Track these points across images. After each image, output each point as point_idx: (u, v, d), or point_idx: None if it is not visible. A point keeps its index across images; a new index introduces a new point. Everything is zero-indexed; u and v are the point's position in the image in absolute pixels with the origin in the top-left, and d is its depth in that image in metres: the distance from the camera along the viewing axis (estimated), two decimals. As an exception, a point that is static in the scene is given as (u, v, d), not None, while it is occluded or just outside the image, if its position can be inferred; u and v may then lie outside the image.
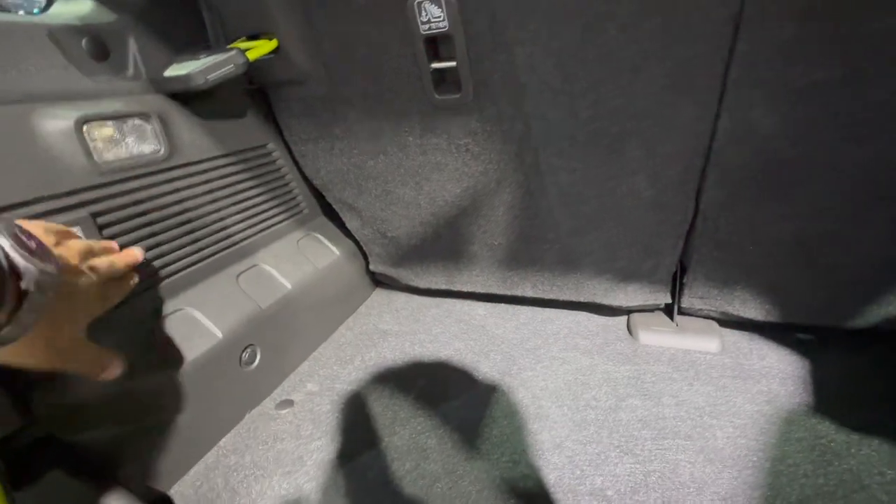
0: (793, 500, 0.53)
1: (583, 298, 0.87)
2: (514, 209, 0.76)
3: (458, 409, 0.72)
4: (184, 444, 0.66)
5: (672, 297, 0.82)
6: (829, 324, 0.72)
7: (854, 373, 0.70)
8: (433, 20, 0.59)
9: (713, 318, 0.83)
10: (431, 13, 0.59)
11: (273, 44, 0.69)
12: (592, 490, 0.56)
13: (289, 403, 0.78)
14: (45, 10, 0.62)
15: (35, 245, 0.34)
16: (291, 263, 0.88)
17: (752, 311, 0.75)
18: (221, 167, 0.75)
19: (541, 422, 0.67)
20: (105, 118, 0.59)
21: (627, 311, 0.89)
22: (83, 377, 0.47)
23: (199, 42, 0.73)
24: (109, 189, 0.60)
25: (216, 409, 0.70)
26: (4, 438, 0.51)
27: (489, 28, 0.57)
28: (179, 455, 0.65)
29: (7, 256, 0.32)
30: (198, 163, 0.71)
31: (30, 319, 0.33)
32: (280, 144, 0.86)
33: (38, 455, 0.53)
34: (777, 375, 0.71)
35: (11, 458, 0.51)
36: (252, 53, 0.67)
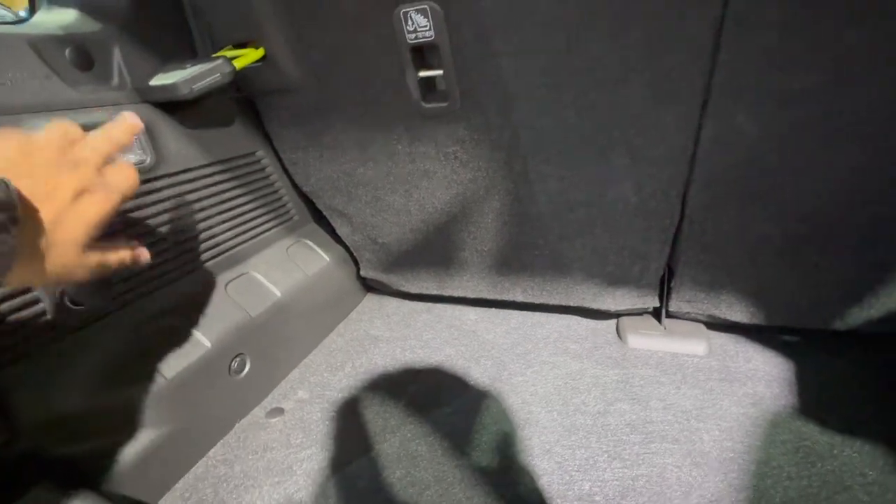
0: (777, 502, 0.54)
1: (572, 303, 0.87)
2: (504, 216, 0.76)
3: (449, 416, 0.72)
4: (172, 456, 0.65)
5: (660, 301, 0.83)
6: (814, 326, 0.74)
7: (838, 374, 0.71)
8: (419, 29, 0.59)
9: (700, 321, 0.84)
10: (417, 22, 0.59)
11: (260, 52, 0.69)
12: (581, 495, 0.57)
13: (279, 412, 0.78)
14: (27, 20, 0.61)
15: None
16: (281, 271, 0.87)
17: (739, 314, 0.76)
18: (209, 176, 0.75)
19: (530, 427, 0.68)
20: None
21: (616, 315, 0.90)
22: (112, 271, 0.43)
23: (186, 51, 0.72)
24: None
25: (205, 419, 0.70)
26: (-12, 453, 0.51)
27: (475, 38, 0.57)
28: (167, 466, 0.65)
29: None
30: (185, 172, 0.70)
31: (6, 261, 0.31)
32: (269, 152, 0.86)
33: (23, 470, 0.52)
34: (763, 378, 0.72)
35: (-5, 474, 0.51)
36: (239, 62, 0.67)
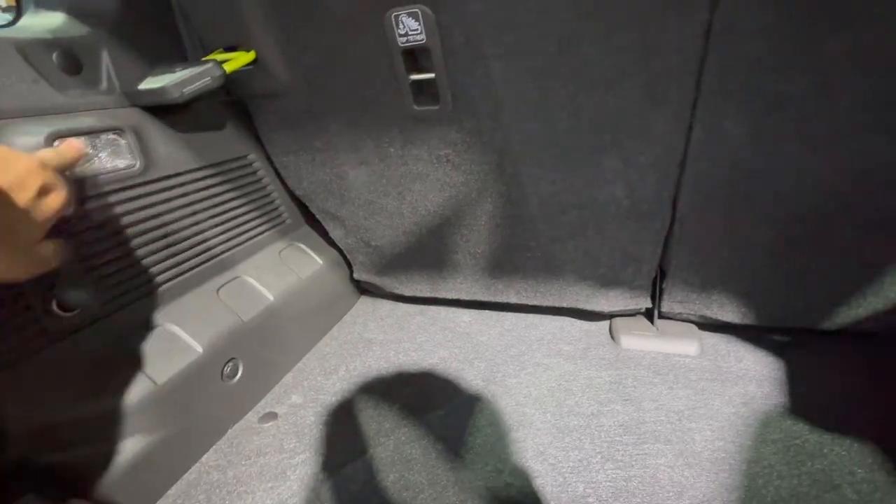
0: (768, 502, 0.54)
1: (566, 304, 0.88)
2: (496, 218, 0.76)
3: (443, 419, 0.72)
4: (164, 462, 0.65)
5: (652, 302, 0.83)
6: (803, 325, 0.74)
7: (827, 373, 0.72)
8: (410, 33, 0.59)
9: (692, 322, 0.85)
10: (409, 26, 0.59)
11: (251, 56, 0.68)
12: (574, 497, 0.57)
13: (272, 416, 0.77)
14: (13, 24, 0.60)
15: None
16: (274, 274, 0.87)
17: (730, 315, 0.77)
18: (200, 180, 0.74)
19: (524, 429, 0.68)
20: (77, 133, 0.58)
21: (609, 316, 0.91)
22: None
23: (175, 54, 0.72)
24: (83, 206, 0.59)
25: (197, 425, 0.70)
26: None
27: (466, 42, 0.58)
28: (159, 473, 0.64)
29: None
30: (175, 176, 0.70)
31: None
32: (261, 155, 0.85)
33: (12, 479, 0.52)
34: (754, 377, 0.73)
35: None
36: (229, 65, 0.67)
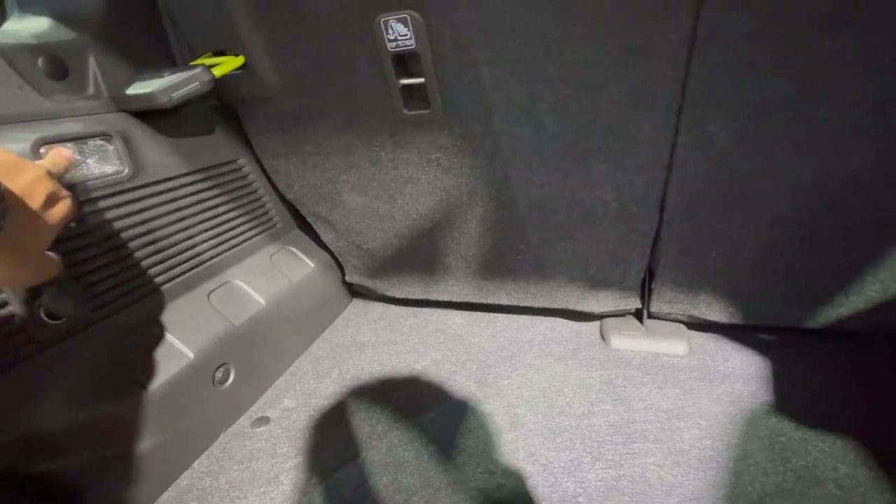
0: (754, 498, 0.55)
1: (556, 305, 0.88)
2: (487, 221, 0.77)
3: (435, 421, 0.72)
4: (154, 470, 0.64)
5: (642, 302, 0.84)
6: (788, 325, 0.76)
7: (811, 371, 0.73)
8: (400, 38, 0.60)
9: (681, 322, 0.86)
10: (398, 31, 0.59)
11: (240, 60, 0.68)
12: (565, 497, 0.58)
13: (265, 421, 0.77)
14: (-2, 29, 0.60)
15: None
16: (265, 278, 0.87)
17: (717, 314, 0.78)
18: (189, 185, 0.74)
19: (516, 431, 0.69)
20: (64, 139, 0.58)
21: (600, 317, 0.92)
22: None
23: (163, 58, 0.72)
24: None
25: (189, 431, 0.69)
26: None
27: (455, 47, 0.58)
28: (150, 481, 0.64)
29: None
30: (164, 181, 0.69)
31: None
32: (251, 159, 0.85)
33: (1, 490, 0.51)
34: (741, 376, 0.74)
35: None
36: (218, 70, 0.66)
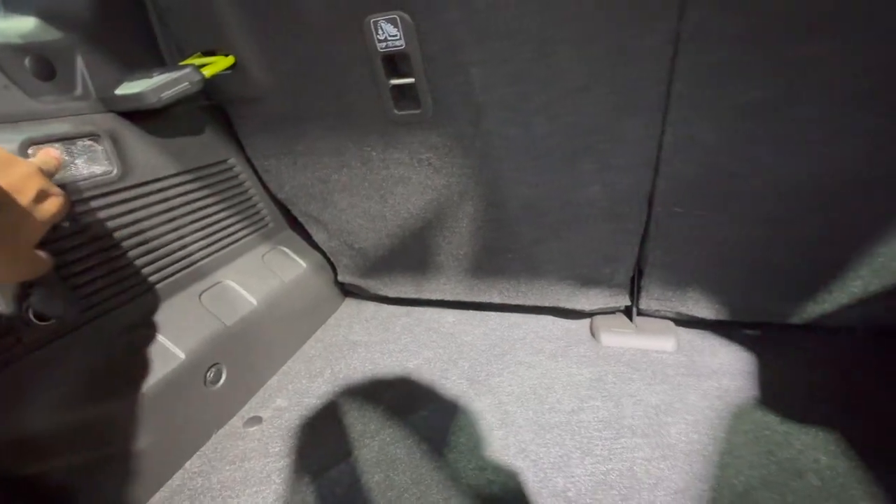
0: (739, 491, 0.56)
1: (547, 303, 0.89)
2: (478, 221, 0.78)
3: (427, 419, 0.73)
4: (146, 470, 0.64)
5: (631, 300, 0.86)
6: (773, 321, 0.77)
7: (796, 366, 0.75)
8: (389, 38, 0.60)
9: (670, 318, 0.87)
10: (388, 32, 0.60)
11: (230, 60, 0.68)
12: (554, 492, 0.59)
13: (257, 420, 0.77)
14: (-17, 29, 0.59)
15: None
16: (257, 278, 0.87)
17: (704, 311, 0.80)
18: (180, 185, 0.74)
19: (507, 427, 0.69)
20: (52, 140, 0.57)
21: (590, 314, 0.93)
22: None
23: (152, 58, 0.71)
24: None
25: (180, 432, 0.69)
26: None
27: (445, 48, 0.58)
28: (141, 482, 0.64)
29: None
30: (154, 182, 0.69)
31: None
32: (242, 159, 0.85)
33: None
34: (727, 371, 0.75)
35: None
36: (208, 70, 0.66)
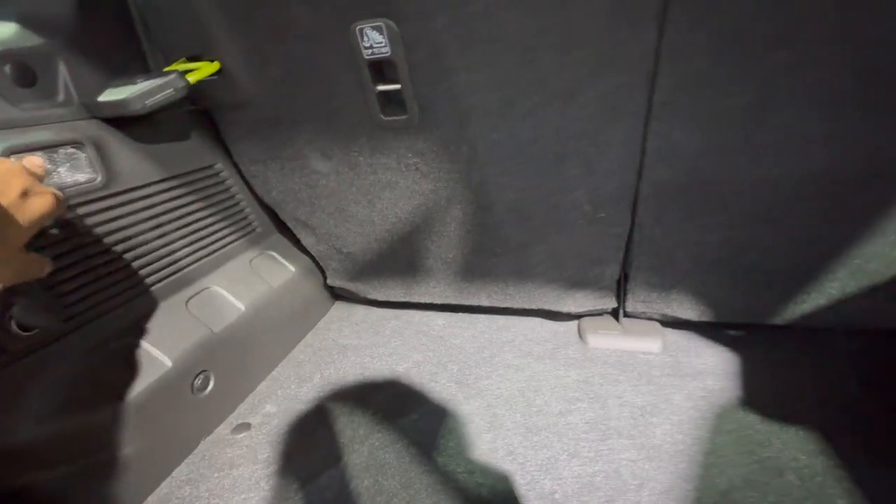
0: (722, 489, 0.58)
1: (535, 306, 0.90)
2: (465, 225, 0.78)
3: (416, 423, 0.73)
4: (133, 479, 0.64)
5: (618, 302, 0.87)
6: (755, 321, 0.79)
7: (777, 366, 0.76)
8: (375, 45, 0.60)
9: (656, 320, 0.88)
10: (373, 39, 0.60)
11: (215, 66, 0.68)
12: (542, 494, 0.59)
13: (246, 427, 0.77)
14: (-38, 35, 0.59)
15: None
16: (245, 284, 0.86)
17: (688, 312, 0.81)
18: (165, 191, 0.73)
19: (495, 430, 0.70)
20: (34, 148, 0.57)
21: (578, 316, 0.94)
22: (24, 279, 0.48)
23: (136, 64, 0.71)
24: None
25: (168, 440, 0.69)
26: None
27: (430, 55, 0.59)
28: (128, 491, 0.63)
29: None
30: (139, 188, 0.69)
31: None
32: (229, 164, 0.85)
33: (-29, 505, 0.51)
34: (712, 372, 0.77)
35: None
36: (193, 76, 0.66)
